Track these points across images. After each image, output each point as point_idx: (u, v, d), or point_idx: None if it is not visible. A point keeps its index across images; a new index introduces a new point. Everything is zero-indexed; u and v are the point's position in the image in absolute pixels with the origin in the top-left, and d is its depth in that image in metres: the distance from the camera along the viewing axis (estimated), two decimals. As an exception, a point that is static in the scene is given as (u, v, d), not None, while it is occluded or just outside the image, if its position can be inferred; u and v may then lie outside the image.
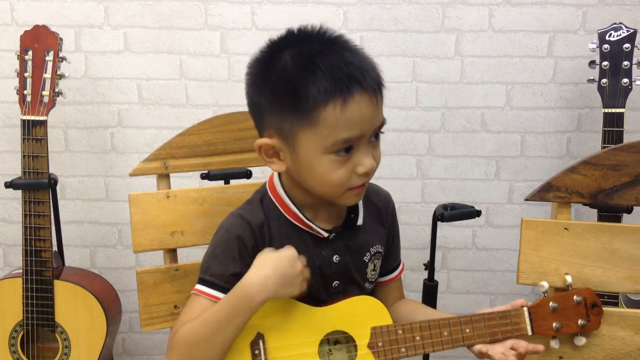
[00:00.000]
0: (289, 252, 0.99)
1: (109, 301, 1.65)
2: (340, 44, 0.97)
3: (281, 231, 1.05)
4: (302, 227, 1.05)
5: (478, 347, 1.04)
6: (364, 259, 1.10)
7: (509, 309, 1.06)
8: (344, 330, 1.03)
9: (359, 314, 1.04)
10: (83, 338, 1.60)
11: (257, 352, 1.00)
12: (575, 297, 1.07)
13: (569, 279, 1.10)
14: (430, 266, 1.59)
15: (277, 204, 1.06)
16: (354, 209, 1.09)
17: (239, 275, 1.00)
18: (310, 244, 1.05)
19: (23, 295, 1.57)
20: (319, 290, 1.06)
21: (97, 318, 1.59)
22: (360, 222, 1.09)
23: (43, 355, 1.64)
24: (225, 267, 1.02)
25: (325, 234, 1.05)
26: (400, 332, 1.04)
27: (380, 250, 1.13)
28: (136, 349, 2.06)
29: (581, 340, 1.10)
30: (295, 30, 0.99)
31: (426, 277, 1.60)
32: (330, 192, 1.00)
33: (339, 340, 1.04)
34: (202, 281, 1.03)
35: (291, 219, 1.05)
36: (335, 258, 1.06)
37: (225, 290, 1.00)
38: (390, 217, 1.17)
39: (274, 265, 0.97)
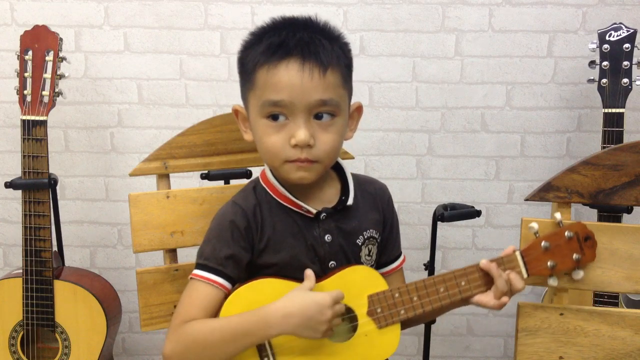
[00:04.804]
0: (321, 297, 0.98)
1: (109, 301, 1.65)
2: (314, 28, 1.03)
3: (272, 214, 1.08)
4: (292, 207, 1.07)
5: (476, 299, 1.07)
6: (357, 241, 1.11)
7: (501, 256, 1.08)
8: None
9: (354, 284, 1.05)
10: (83, 338, 1.60)
11: None
12: (566, 233, 1.08)
13: (558, 216, 1.10)
14: (430, 266, 1.59)
15: (267, 189, 1.09)
16: (344, 192, 1.11)
17: (232, 257, 1.04)
18: (301, 224, 1.08)
19: (23, 295, 1.57)
20: (316, 271, 1.07)
21: (97, 318, 1.59)
22: (350, 202, 1.10)
23: (43, 356, 1.64)
24: (218, 250, 1.05)
25: (314, 211, 1.07)
26: (397, 295, 1.06)
27: (375, 235, 1.14)
28: (136, 349, 2.06)
29: (579, 274, 1.10)
30: (295, 17, 1.06)
31: (426, 277, 1.59)
32: (270, 161, 1.05)
33: None
34: (198, 265, 1.07)
35: (281, 201, 1.08)
36: (327, 237, 1.08)
37: (218, 272, 1.04)
38: (387, 205, 1.18)
39: (302, 307, 0.97)
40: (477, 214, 1.57)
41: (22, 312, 1.58)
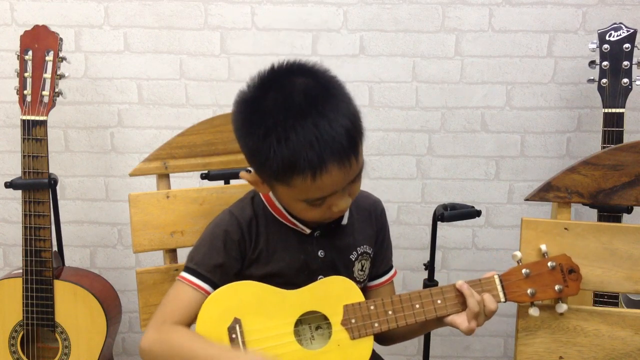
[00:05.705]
0: None
1: (109, 301, 1.65)
2: (321, 101, 0.94)
3: (268, 227, 1.09)
4: (287, 224, 1.09)
5: (450, 319, 1.07)
6: (351, 257, 1.13)
7: (480, 279, 1.09)
8: (317, 310, 1.06)
9: (331, 294, 1.06)
10: (83, 338, 1.60)
11: (234, 335, 1.02)
12: (549, 263, 1.08)
13: (543, 247, 1.10)
14: (430, 266, 1.59)
15: (265, 202, 1.10)
16: None
17: (222, 266, 1.06)
18: (295, 240, 1.10)
19: (23, 295, 1.57)
20: (303, 283, 1.08)
21: (97, 318, 1.59)
22: (344, 221, 1.12)
23: (43, 355, 1.64)
24: (209, 258, 1.07)
25: (308, 231, 1.09)
26: (372, 307, 1.06)
27: (369, 251, 1.16)
28: (136, 349, 2.05)
29: (562, 307, 1.10)
30: (279, 68, 0.99)
31: (426, 277, 1.60)
32: (308, 220, 1.07)
33: (313, 320, 1.07)
34: (186, 269, 1.08)
35: (277, 217, 1.09)
36: (321, 253, 1.10)
37: (206, 279, 1.05)
38: (380, 219, 1.20)
39: None
40: (477, 214, 1.57)
41: (22, 312, 1.58)
